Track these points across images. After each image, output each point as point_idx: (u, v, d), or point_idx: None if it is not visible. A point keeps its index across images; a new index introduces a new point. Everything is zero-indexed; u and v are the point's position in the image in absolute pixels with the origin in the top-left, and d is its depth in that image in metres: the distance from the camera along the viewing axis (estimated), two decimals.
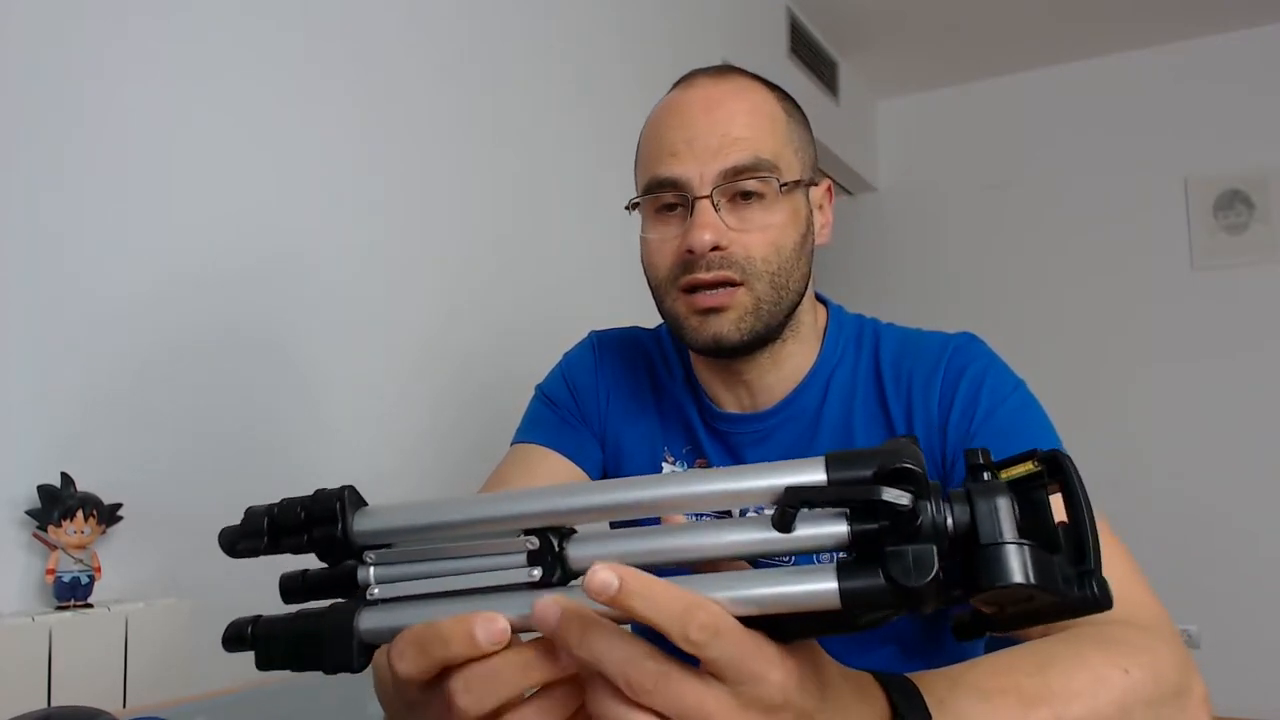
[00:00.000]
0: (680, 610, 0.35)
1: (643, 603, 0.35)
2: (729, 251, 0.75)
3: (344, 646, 0.40)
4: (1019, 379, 0.80)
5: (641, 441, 0.90)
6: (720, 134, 0.76)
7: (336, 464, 1.24)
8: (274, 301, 1.21)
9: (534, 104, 1.74)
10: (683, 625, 0.34)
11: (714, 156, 0.75)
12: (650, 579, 0.35)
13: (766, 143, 0.77)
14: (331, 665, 0.40)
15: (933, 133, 3.72)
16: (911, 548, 0.34)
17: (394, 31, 1.42)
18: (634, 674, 0.35)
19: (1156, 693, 0.52)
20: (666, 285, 0.79)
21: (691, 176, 0.76)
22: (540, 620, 0.36)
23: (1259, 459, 3.03)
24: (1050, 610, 0.36)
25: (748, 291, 0.76)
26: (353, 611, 0.40)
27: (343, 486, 0.42)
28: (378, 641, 0.40)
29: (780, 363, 0.83)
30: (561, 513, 0.39)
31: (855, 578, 0.35)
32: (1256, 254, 3.15)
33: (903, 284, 3.65)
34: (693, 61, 2.30)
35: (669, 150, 0.77)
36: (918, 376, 0.79)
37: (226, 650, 0.43)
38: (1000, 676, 0.49)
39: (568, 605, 0.36)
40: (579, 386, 0.93)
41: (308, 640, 0.41)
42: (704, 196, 0.75)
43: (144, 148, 1.08)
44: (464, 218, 1.55)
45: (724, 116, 0.76)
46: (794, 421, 0.83)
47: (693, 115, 0.77)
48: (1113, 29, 3.21)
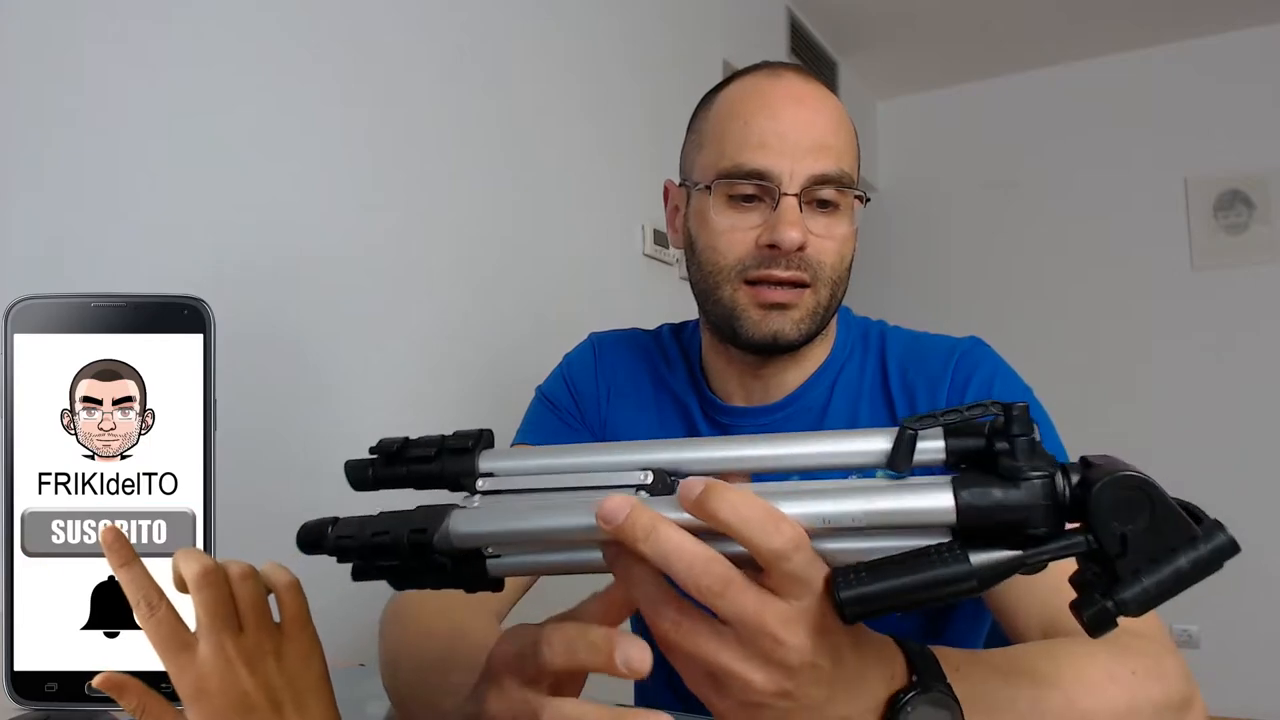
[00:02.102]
0: (762, 518, 0.35)
1: (727, 508, 0.35)
2: (806, 254, 0.76)
3: (436, 525, 0.39)
4: (1026, 385, 0.80)
5: (640, 435, 0.90)
6: (812, 135, 0.76)
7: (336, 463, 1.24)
8: (289, 300, 1.21)
9: (533, 102, 1.74)
10: (766, 535, 0.35)
11: (805, 156, 0.75)
12: (736, 489, 0.36)
13: (847, 154, 0.78)
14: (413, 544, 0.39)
15: (933, 133, 3.72)
16: (1026, 460, 0.35)
17: (393, 31, 1.42)
18: (702, 575, 0.36)
19: (1164, 700, 0.52)
20: (729, 274, 0.78)
21: (783, 172, 0.75)
22: (610, 513, 0.36)
23: (1259, 459, 3.03)
24: (1176, 539, 0.34)
25: (813, 294, 0.77)
26: (445, 508, 0.40)
27: (481, 429, 0.44)
28: (467, 543, 0.40)
29: (801, 360, 0.83)
30: (677, 461, 0.41)
31: (973, 486, 0.35)
32: (1256, 254, 3.15)
33: (903, 284, 3.65)
34: (693, 62, 2.31)
35: (758, 140, 0.76)
36: (924, 380, 0.79)
37: (304, 550, 0.44)
38: (1015, 659, 0.50)
39: (637, 502, 0.37)
40: (579, 388, 0.93)
41: (398, 519, 0.41)
42: (793, 194, 0.75)
43: (138, 150, 1.08)
44: (466, 218, 1.55)
45: (814, 116, 0.77)
46: (799, 416, 0.83)
47: (784, 108, 0.76)
48: (1113, 29, 3.21)
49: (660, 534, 0.36)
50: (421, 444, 0.43)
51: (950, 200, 3.66)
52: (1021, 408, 0.36)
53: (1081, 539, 0.35)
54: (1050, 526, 0.35)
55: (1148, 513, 0.34)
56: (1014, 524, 0.35)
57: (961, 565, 0.35)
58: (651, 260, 2.06)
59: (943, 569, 0.35)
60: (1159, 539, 0.34)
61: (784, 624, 0.37)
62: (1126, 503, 0.34)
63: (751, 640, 0.37)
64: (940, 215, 3.67)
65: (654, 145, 2.05)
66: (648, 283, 2.05)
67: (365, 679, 1.00)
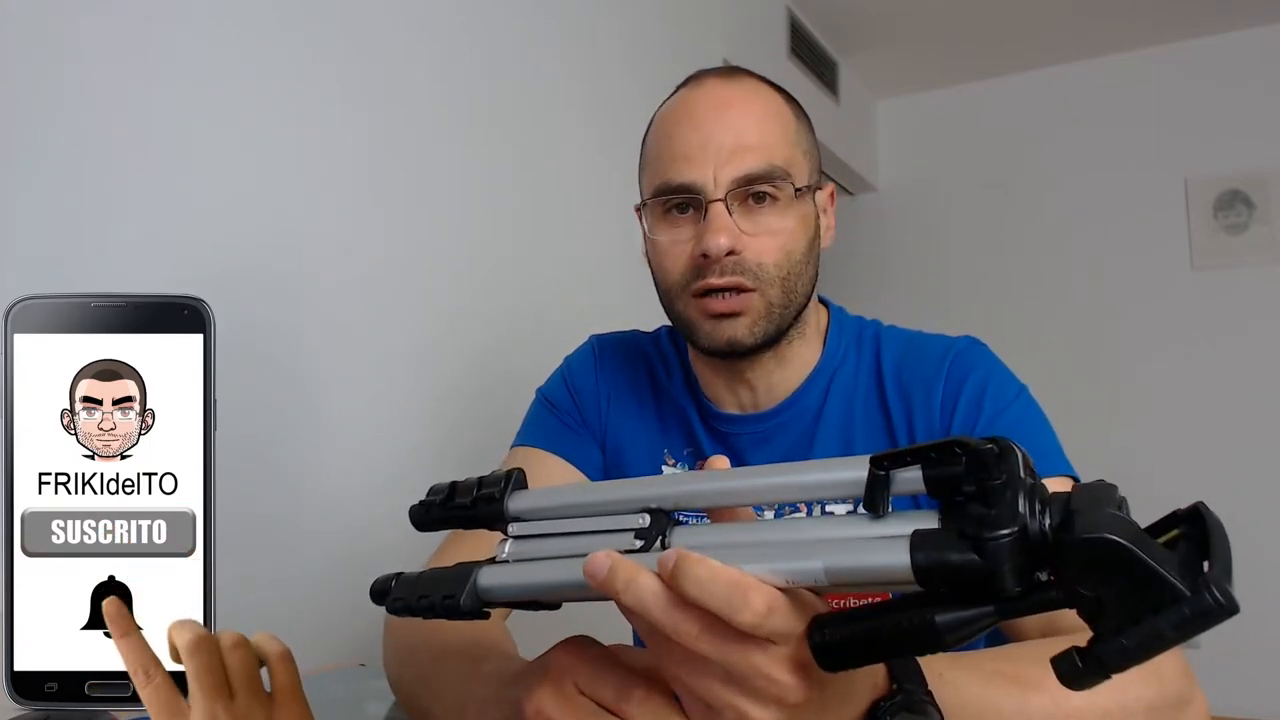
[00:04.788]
0: (728, 593, 0.36)
1: (693, 586, 0.36)
2: (742, 257, 0.75)
3: (462, 589, 0.46)
4: (1022, 384, 0.80)
5: (642, 443, 0.90)
6: (734, 136, 0.75)
7: (336, 464, 1.24)
8: (272, 303, 1.21)
9: (533, 103, 1.74)
10: (734, 609, 0.36)
11: (728, 160, 0.74)
12: (703, 562, 0.36)
13: (779, 147, 0.76)
14: (445, 607, 0.46)
15: (933, 133, 3.72)
16: (993, 510, 0.33)
17: (393, 30, 1.42)
18: (680, 622, 0.37)
19: (1159, 699, 0.52)
20: (678, 289, 0.79)
21: (706, 180, 0.75)
22: (593, 567, 0.39)
23: (1259, 459, 3.03)
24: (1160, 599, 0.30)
25: (760, 296, 0.76)
26: (471, 569, 0.47)
27: (511, 469, 0.50)
28: (489, 598, 0.46)
29: (785, 362, 0.83)
30: (675, 497, 0.43)
31: (929, 547, 0.34)
32: (1256, 254, 3.15)
33: (903, 284, 3.65)
34: (693, 62, 2.30)
35: (681, 153, 0.76)
36: (920, 380, 0.79)
37: (374, 602, 0.50)
38: (1001, 661, 0.50)
39: (618, 558, 0.39)
40: (580, 390, 0.93)
41: (436, 583, 0.47)
42: (718, 200, 0.74)
43: (138, 150, 1.08)
44: (465, 218, 1.55)
45: (736, 118, 0.76)
46: (795, 422, 0.83)
47: (704, 116, 0.76)
48: (1112, 29, 3.21)
49: (637, 584, 0.38)
50: (463, 490, 0.50)
51: (950, 200, 3.66)
52: (991, 449, 0.34)
53: (1055, 594, 0.33)
54: (1020, 585, 0.33)
55: (1126, 575, 0.31)
56: (979, 584, 0.33)
57: (926, 624, 0.34)
58: None
59: (908, 624, 0.34)
60: (1140, 599, 0.31)
61: (772, 666, 0.38)
62: (1101, 565, 0.31)
63: (745, 680, 0.38)
64: (940, 215, 3.67)
65: None
66: (647, 283, 2.05)
67: (365, 679, 1.00)
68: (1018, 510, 0.33)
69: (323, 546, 1.19)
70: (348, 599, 1.16)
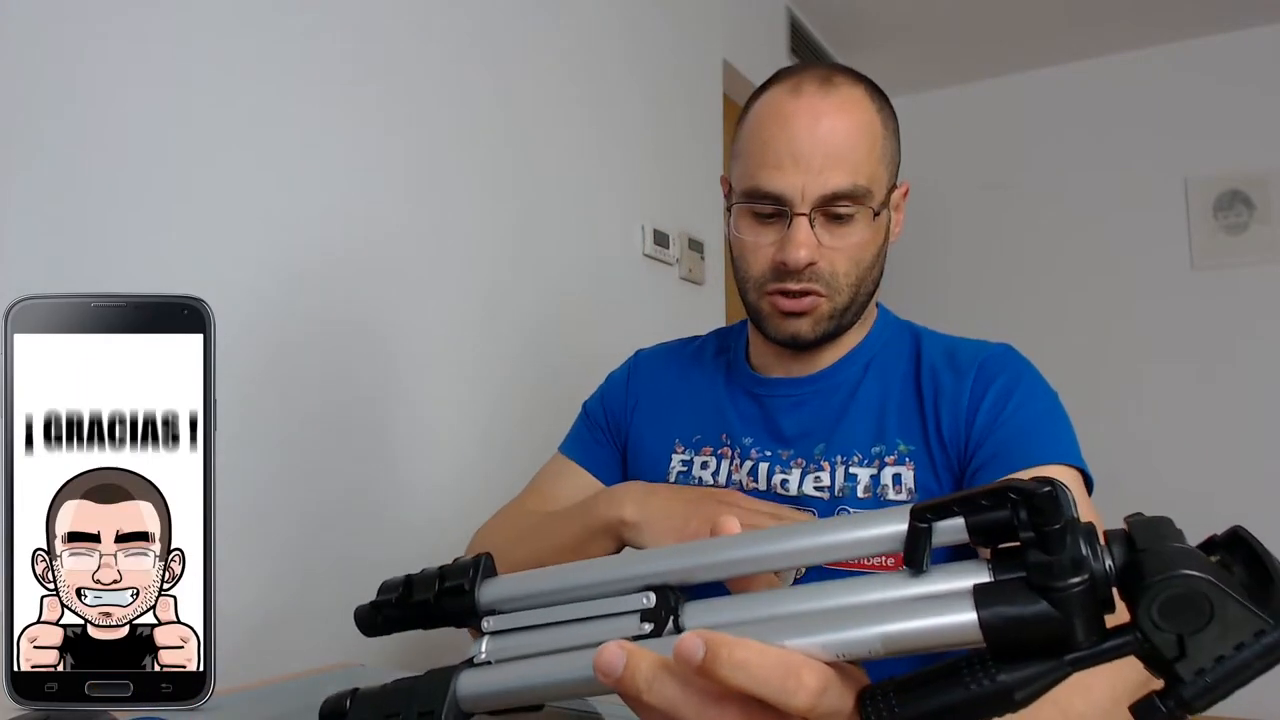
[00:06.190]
0: (781, 677, 0.32)
1: (739, 674, 0.32)
2: (818, 267, 0.80)
3: (440, 703, 0.40)
4: (1054, 392, 0.83)
5: (655, 436, 0.95)
6: (824, 152, 0.78)
7: (341, 463, 1.24)
8: (288, 301, 1.21)
9: (533, 104, 1.74)
10: (788, 695, 0.32)
11: (816, 175, 0.78)
12: (740, 645, 0.33)
13: (864, 165, 0.80)
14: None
15: (933, 133, 3.72)
16: (1058, 557, 0.31)
17: (400, 32, 1.42)
18: (717, 718, 0.33)
19: (1144, 680, 0.52)
20: (753, 283, 0.84)
21: (794, 193, 0.79)
22: (608, 667, 0.34)
23: (1259, 459, 3.03)
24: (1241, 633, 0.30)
25: (829, 301, 0.82)
26: (447, 675, 0.41)
27: (478, 555, 0.44)
28: (473, 708, 0.40)
29: (839, 343, 0.88)
30: (684, 569, 0.39)
31: (996, 603, 0.31)
32: (1256, 254, 3.15)
33: (901, 284, 3.65)
34: (693, 61, 2.31)
35: (773, 161, 0.79)
36: (951, 380, 0.83)
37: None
38: None
39: (633, 649, 0.34)
40: (611, 403, 1.00)
41: (405, 697, 0.41)
42: (803, 214, 0.79)
43: (150, 149, 1.08)
44: (477, 217, 1.55)
45: (826, 133, 0.79)
46: (831, 393, 0.87)
47: (798, 128, 0.79)
48: (1113, 29, 3.21)
49: (662, 680, 0.34)
50: (421, 584, 0.44)
51: (949, 201, 3.66)
52: (1046, 492, 0.31)
53: (1132, 639, 0.31)
54: (1094, 634, 0.31)
55: (1207, 614, 0.30)
56: (1051, 638, 0.31)
57: (996, 686, 0.31)
58: (651, 260, 2.06)
59: (977, 689, 0.31)
60: (1223, 637, 0.30)
61: None
62: (1181, 607, 0.30)
63: None
64: (939, 216, 3.67)
65: (654, 145, 2.05)
66: (647, 283, 2.05)
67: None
68: (1081, 554, 0.31)
69: (323, 546, 1.19)
70: (347, 599, 1.16)
